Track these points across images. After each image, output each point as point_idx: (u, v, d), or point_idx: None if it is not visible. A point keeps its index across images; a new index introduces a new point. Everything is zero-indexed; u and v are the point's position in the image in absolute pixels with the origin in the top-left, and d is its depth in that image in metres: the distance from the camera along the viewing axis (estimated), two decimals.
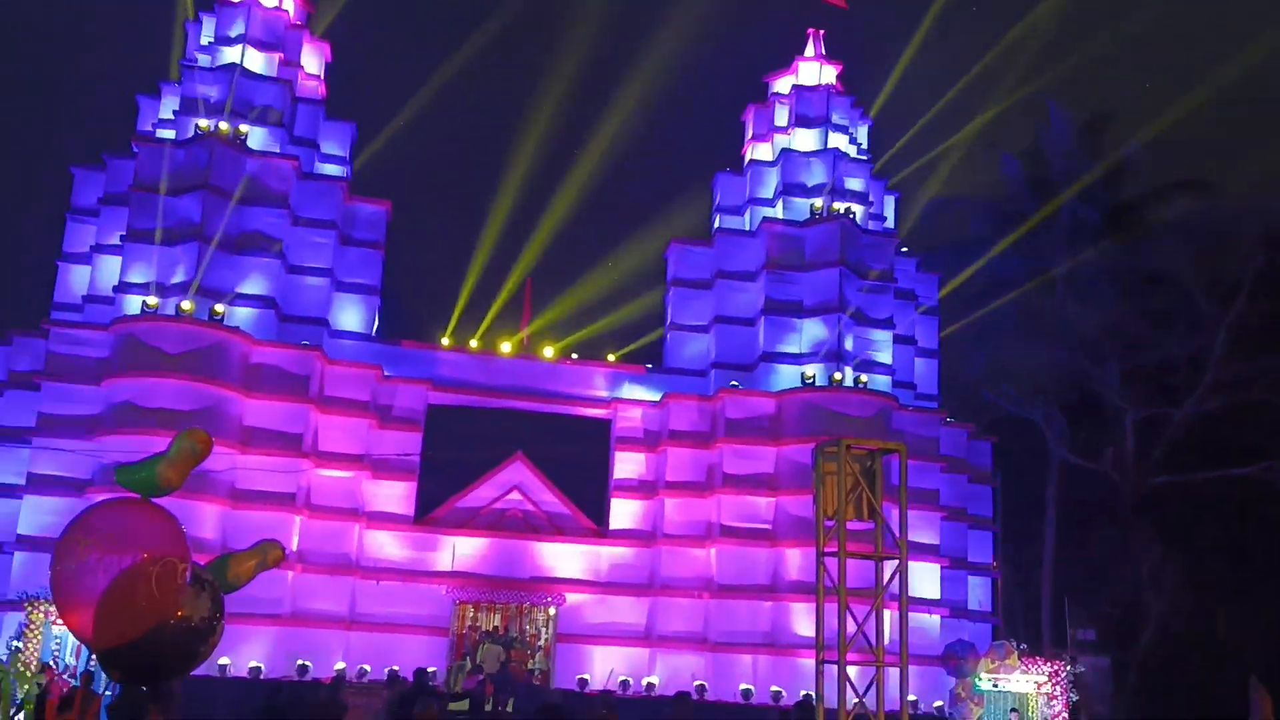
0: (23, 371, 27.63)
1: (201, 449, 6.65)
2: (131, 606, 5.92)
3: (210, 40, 30.32)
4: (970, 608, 30.89)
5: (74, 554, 6.11)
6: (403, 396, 29.75)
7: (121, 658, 6.17)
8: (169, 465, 6.46)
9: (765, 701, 26.51)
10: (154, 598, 5.98)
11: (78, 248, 29.54)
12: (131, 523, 6.30)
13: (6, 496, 26.65)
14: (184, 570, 6.21)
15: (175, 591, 6.05)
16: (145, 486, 6.48)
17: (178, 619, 6.06)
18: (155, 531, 6.33)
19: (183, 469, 6.53)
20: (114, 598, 5.89)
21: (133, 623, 5.95)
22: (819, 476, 11.68)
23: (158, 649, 6.09)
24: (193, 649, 6.26)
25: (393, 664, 26.08)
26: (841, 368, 29.44)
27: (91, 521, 6.33)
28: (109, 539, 6.10)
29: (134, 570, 6.00)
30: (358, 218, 30.69)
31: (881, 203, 32.86)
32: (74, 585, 6.03)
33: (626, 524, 30.45)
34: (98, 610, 5.88)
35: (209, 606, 6.22)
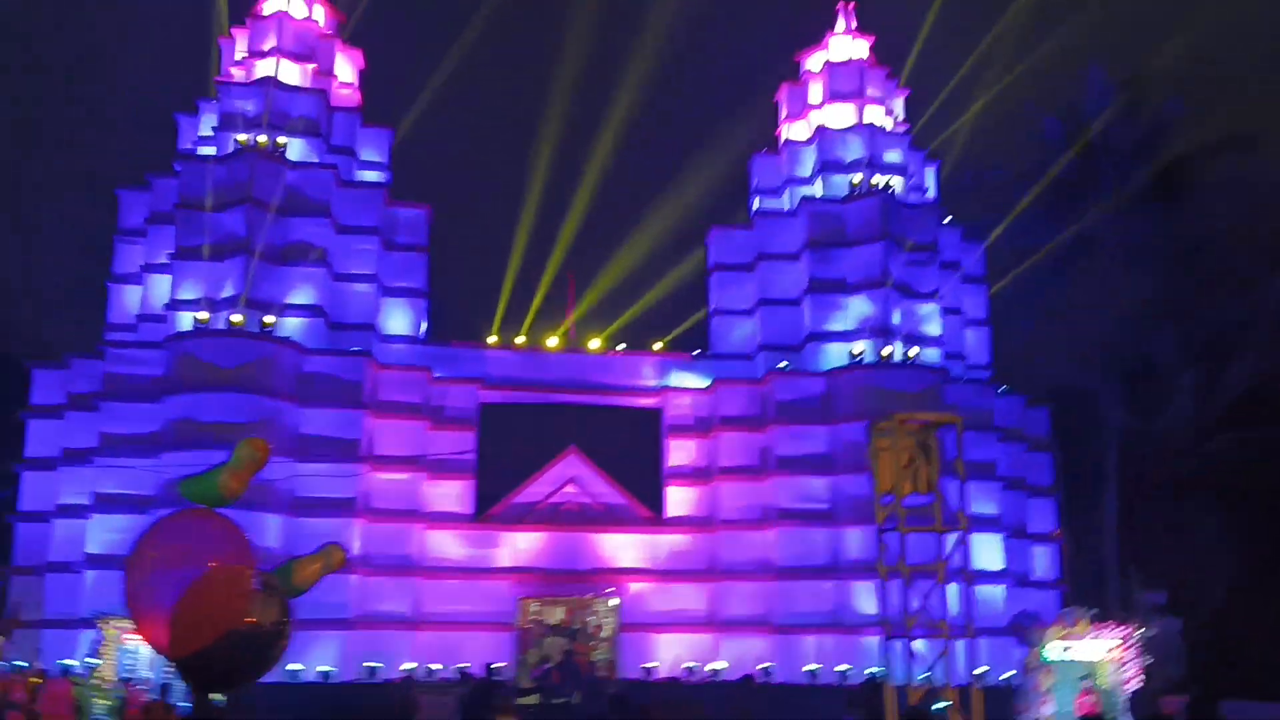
0: (82, 393, 28.11)
1: (261, 457, 6.75)
2: (203, 615, 6.04)
3: (244, 55, 30.65)
4: (1035, 577, 30.57)
5: (145, 567, 6.23)
6: (454, 397, 29.97)
7: (196, 665, 6.29)
8: (231, 475, 6.57)
9: (832, 681, 26.42)
10: (224, 605, 6.10)
11: (128, 268, 30.01)
12: (198, 533, 6.42)
13: (74, 517, 27.14)
14: (251, 577, 6.32)
15: (244, 598, 6.16)
16: (209, 497, 6.60)
17: (248, 625, 6.16)
18: (222, 541, 6.44)
19: (244, 477, 6.63)
20: (186, 607, 6.00)
21: (205, 630, 6.06)
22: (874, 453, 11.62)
23: (230, 655, 6.21)
24: (264, 653, 6.37)
25: (460, 662, 26.35)
26: (890, 343, 29.24)
27: (160, 535, 6.45)
28: (178, 551, 6.22)
29: (204, 579, 6.12)
30: (399, 222, 30.93)
31: (921, 174, 32.55)
32: (147, 597, 6.15)
33: (683, 511, 30.47)
34: (171, 620, 6.00)
35: (277, 611, 6.33)
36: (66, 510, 27.35)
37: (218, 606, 6.04)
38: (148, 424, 26.98)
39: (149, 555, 6.26)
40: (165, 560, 6.14)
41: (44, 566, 27.21)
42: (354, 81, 32.53)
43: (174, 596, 5.95)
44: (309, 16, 31.27)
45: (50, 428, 28.56)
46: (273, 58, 30.12)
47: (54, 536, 27.48)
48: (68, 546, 27.05)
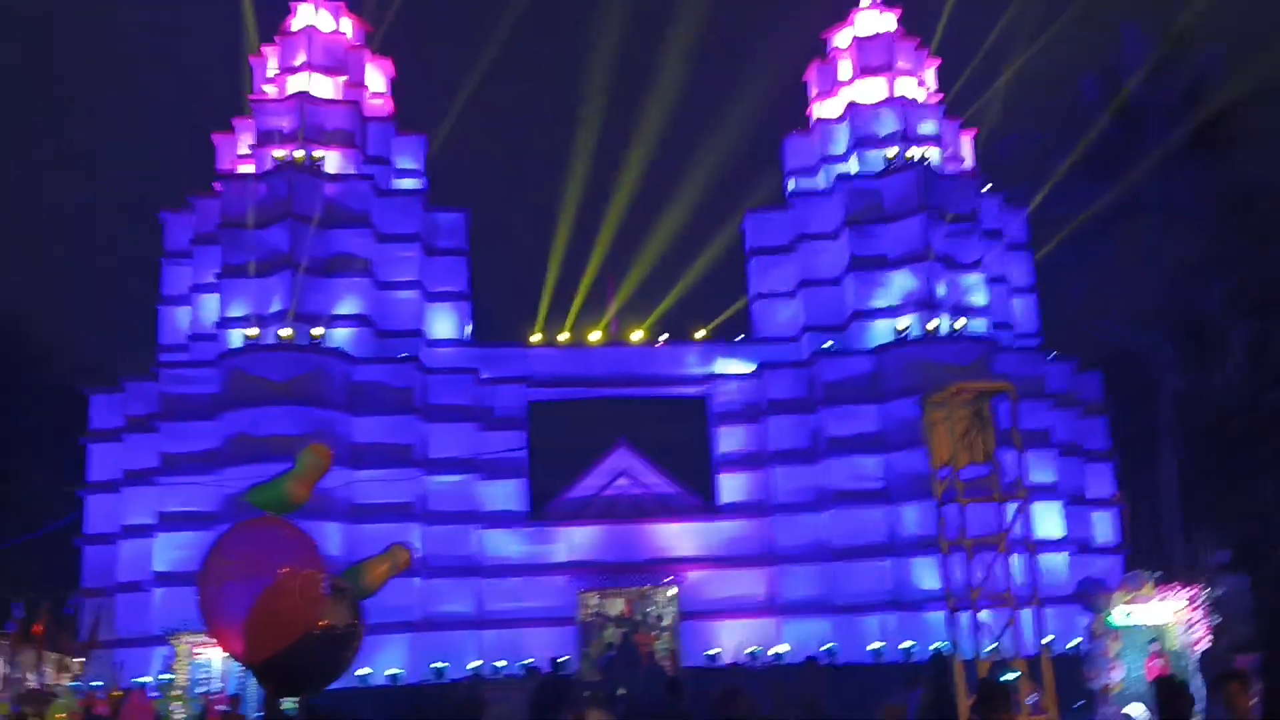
0: (139, 415, 28.60)
1: (325, 462, 6.88)
2: (277, 621, 6.17)
3: (276, 72, 31.01)
4: (1096, 543, 30.28)
5: (217, 577, 6.38)
6: (502, 397, 30.16)
7: (273, 671, 6.43)
8: (296, 481, 6.70)
9: (897, 659, 26.34)
10: (297, 610, 6.22)
11: (176, 289, 30.49)
12: (268, 541, 6.56)
13: (140, 537, 27.65)
14: (322, 580, 6.45)
15: (316, 602, 6.28)
16: (276, 504, 6.73)
17: (321, 628, 6.29)
18: (291, 546, 6.58)
19: (309, 483, 6.76)
20: (260, 614, 6.14)
21: (279, 636, 6.20)
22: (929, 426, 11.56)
23: (305, 659, 6.34)
24: (338, 656, 6.50)
25: (524, 658, 26.58)
26: (936, 316, 29.06)
27: (230, 544, 6.61)
28: (248, 559, 6.36)
29: (276, 586, 6.26)
30: (438, 227, 31.19)
31: (958, 143, 32.30)
32: (221, 606, 6.30)
33: (736, 498, 30.47)
34: (245, 628, 6.14)
35: (349, 613, 6.45)
36: (132, 531, 27.86)
37: (291, 612, 6.17)
38: (205, 441, 27.42)
39: (220, 565, 6.41)
40: (237, 569, 6.29)
41: (113, 587, 27.74)
42: (385, 90, 32.80)
43: (247, 604, 6.10)
44: (337, 29, 31.56)
45: (111, 451, 29.08)
46: (304, 72, 30.44)
47: (121, 557, 28.00)
48: (135, 566, 27.55)
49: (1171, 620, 24.50)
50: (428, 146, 32.59)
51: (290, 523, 6.69)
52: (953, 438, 11.44)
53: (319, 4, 31.55)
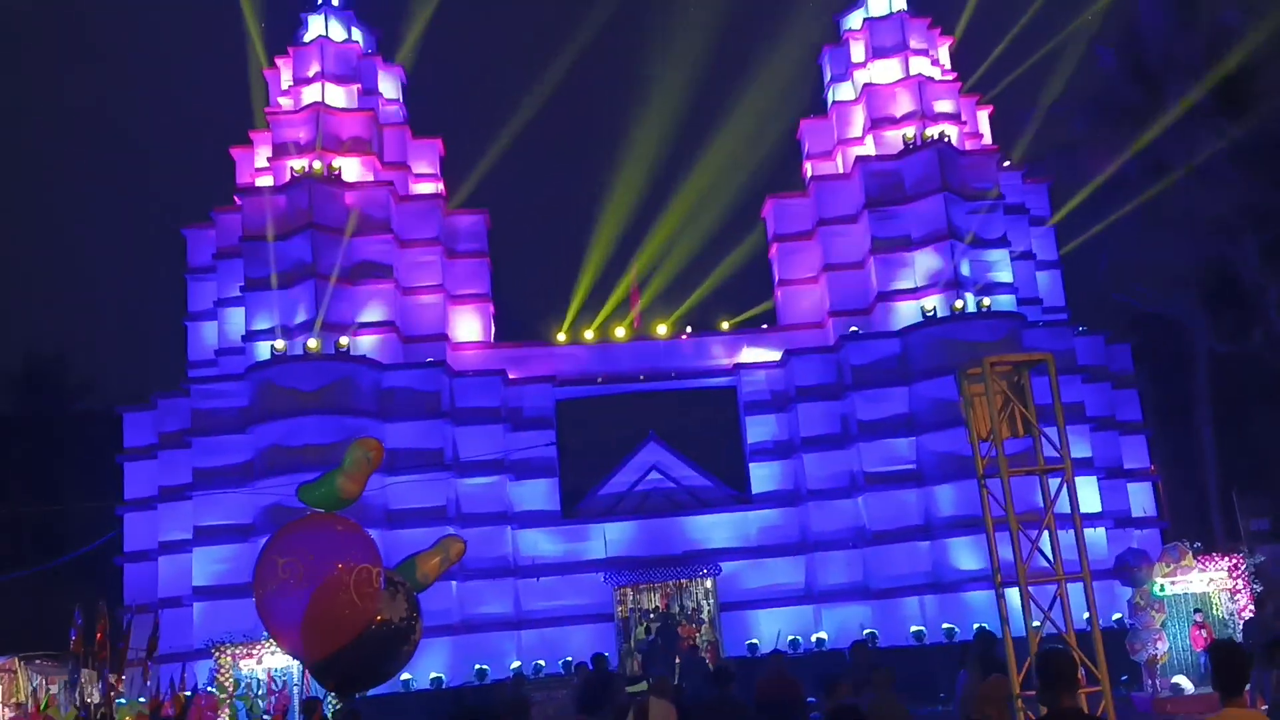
0: (172, 432, 28.78)
1: (375, 456, 6.88)
2: (335, 617, 6.17)
3: (290, 84, 31.12)
4: (1134, 515, 30.03)
5: (274, 576, 6.39)
6: (530, 397, 30.19)
7: (333, 667, 6.44)
8: (347, 477, 6.70)
9: (939, 640, 26.22)
10: (354, 605, 6.22)
11: (202, 305, 30.67)
12: (322, 537, 6.56)
13: (178, 552, 27.82)
14: (378, 575, 6.45)
15: (373, 597, 6.28)
16: (327, 501, 6.74)
17: (379, 623, 6.29)
18: (346, 542, 6.58)
19: (360, 478, 6.76)
20: (318, 611, 6.14)
21: (338, 632, 6.20)
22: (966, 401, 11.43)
23: (364, 654, 6.34)
24: (396, 649, 6.49)
25: (564, 656, 26.59)
26: (962, 294, 28.87)
27: (285, 542, 6.61)
28: (304, 556, 6.37)
29: (332, 581, 6.26)
30: (458, 230, 31.27)
31: (975, 120, 32.08)
32: (278, 606, 6.31)
33: (769, 486, 30.38)
34: (304, 625, 6.14)
35: (405, 607, 6.45)
36: (169, 546, 28.05)
37: (348, 607, 6.17)
38: (238, 455, 27.57)
39: (277, 563, 6.41)
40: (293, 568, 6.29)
41: (155, 604, 27.91)
42: (399, 97, 32.87)
43: (304, 602, 6.10)
44: (349, 39, 31.66)
45: (145, 468, 29.30)
46: (318, 83, 30.55)
47: (160, 573, 28.19)
48: (174, 582, 27.74)
49: (1214, 589, 24.32)
50: (444, 150, 32.67)
51: (344, 519, 6.69)
52: (992, 411, 11.32)
53: (330, 14, 31.64)
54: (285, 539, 6.59)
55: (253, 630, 22.18)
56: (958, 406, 21.10)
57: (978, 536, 26.63)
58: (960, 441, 25.59)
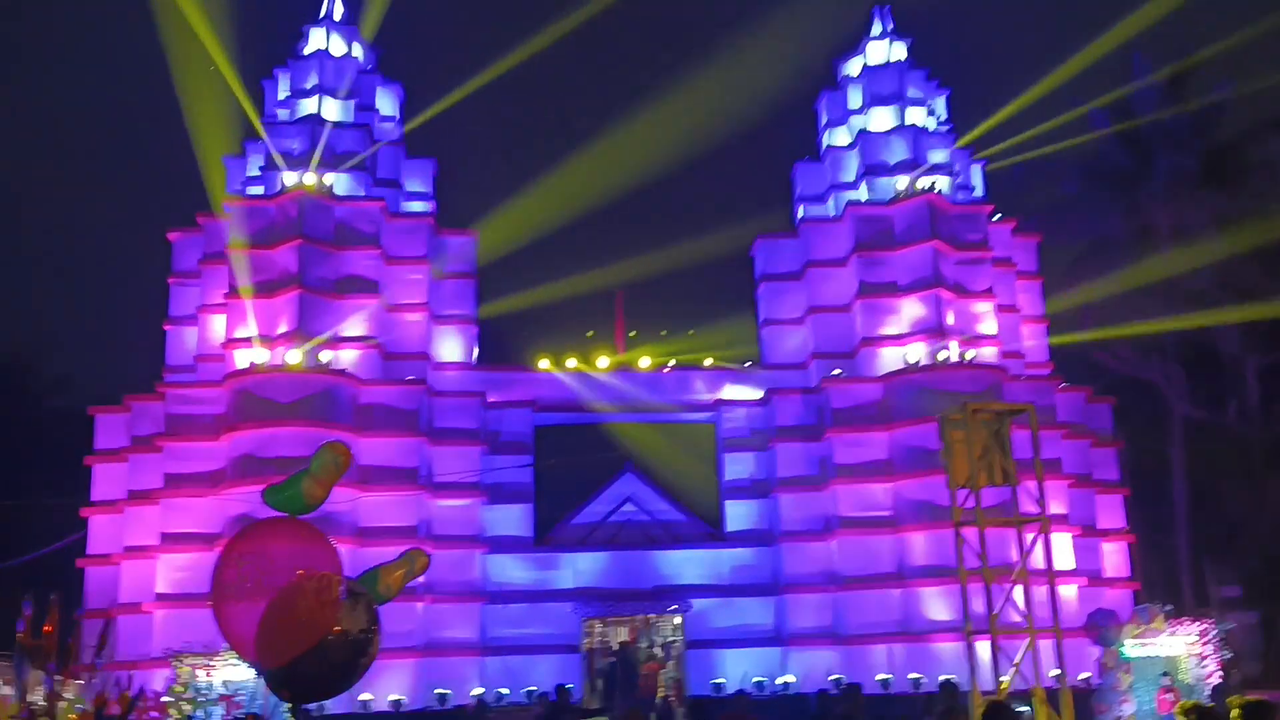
0: (145, 435, 28.45)
1: (343, 460, 6.75)
2: (292, 624, 6.02)
3: (287, 95, 31.08)
4: (1106, 575, 29.99)
5: (231, 579, 6.24)
6: (509, 421, 30.06)
7: (286, 676, 6.28)
8: (314, 481, 6.57)
9: (905, 690, 26.05)
10: (312, 614, 6.07)
11: (184, 310, 30.43)
12: (283, 542, 6.42)
13: (142, 558, 27.41)
14: (338, 584, 6.30)
15: (332, 606, 6.13)
16: (293, 504, 6.60)
17: (336, 634, 6.14)
18: (308, 548, 6.44)
19: (327, 483, 6.63)
20: (274, 617, 5.99)
21: (294, 640, 6.04)
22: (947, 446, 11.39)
23: (320, 664, 6.19)
24: (353, 661, 6.33)
25: (528, 685, 26.29)
26: (945, 344, 28.92)
27: (244, 545, 6.46)
28: (263, 560, 6.23)
29: (291, 589, 6.11)
30: (447, 250, 31.16)
31: (968, 172, 32.30)
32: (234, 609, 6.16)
33: (743, 525, 30.30)
34: (260, 631, 5.99)
35: (365, 619, 6.29)
36: (133, 551, 27.65)
37: (307, 616, 6.02)
38: (210, 462, 27.28)
39: (236, 564, 6.27)
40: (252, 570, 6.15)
41: (113, 607, 27.48)
42: (395, 115, 32.86)
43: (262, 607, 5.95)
44: (348, 53, 31.67)
45: (115, 471, 28.93)
46: (315, 96, 30.51)
47: (123, 578, 27.78)
48: (136, 587, 27.33)
49: (1183, 654, 24.27)
50: (437, 170, 32.65)
51: (308, 524, 6.55)
52: (971, 458, 11.27)
53: (331, 28, 31.67)
54: (245, 541, 6.44)
55: (213, 641, 21.89)
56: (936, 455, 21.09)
57: (949, 587, 26.57)
58: (936, 490, 25.58)
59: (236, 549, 6.38)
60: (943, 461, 11.44)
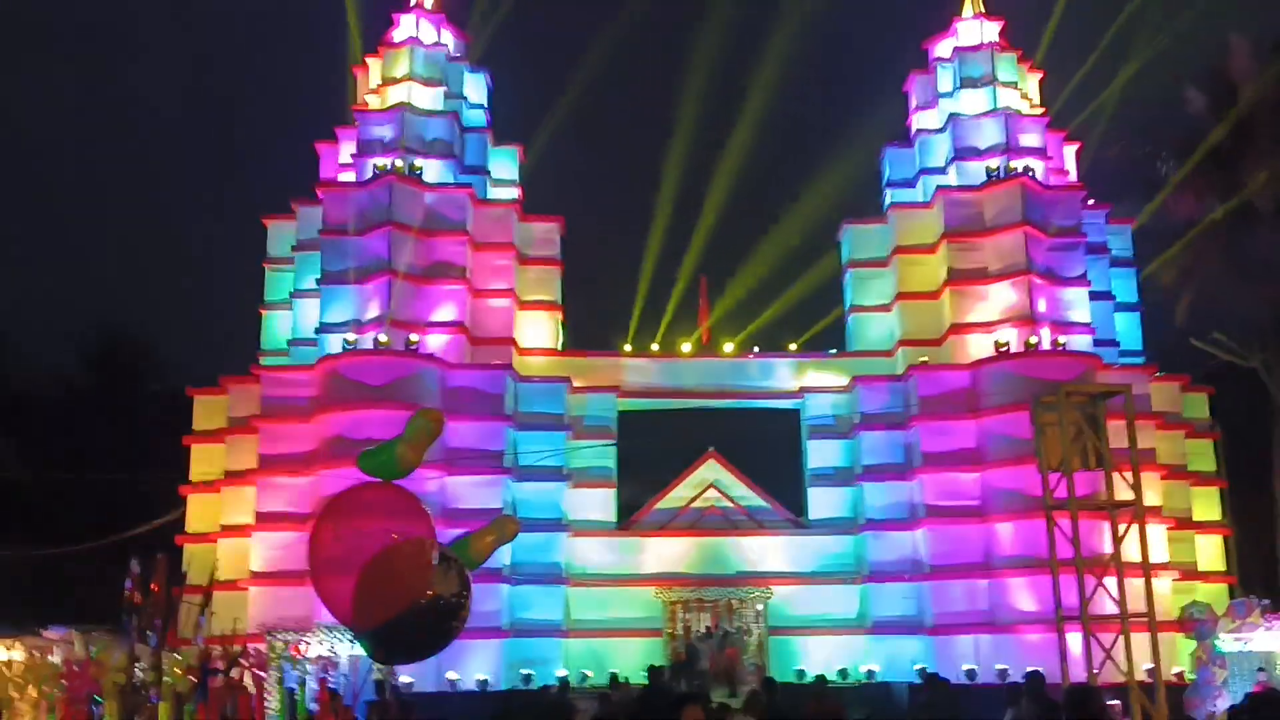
0: (240, 417, 29.24)
1: (435, 427, 6.89)
2: (386, 587, 6.16)
3: (378, 82, 31.57)
4: (1202, 568, 29.23)
5: (326, 543, 6.40)
6: (593, 405, 30.25)
7: (381, 638, 6.43)
8: (407, 446, 6.70)
9: (991, 680, 25.68)
10: (407, 577, 6.21)
11: (278, 295, 31.18)
12: (378, 506, 6.56)
13: (238, 536, 28.17)
14: (432, 549, 6.44)
15: (426, 570, 6.26)
16: (386, 469, 6.73)
17: (430, 597, 6.27)
18: (402, 513, 6.58)
19: (420, 448, 6.77)
20: (369, 580, 6.14)
21: (389, 603, 6.18)
22: (1039, 429, 11.20)
23: (414, 627, 6.33)
24: (446, 625, 6.45)
25: (611, 668, 26.45)
26: (1036, 331, 28.40)
27: (340, 509, 6.62)
28: (359, 525, 6.38)
29: (386, 552, 6.25)
30: (532, 237, 31.46)
31: (1061, 156, 31.62)
32: (330, 572, 6.32)
33: (827, 512, 30.14)
34: (355, 594, 6.15)
35: (457, 583, 6.41)
36: (229, 529, 28.45)
37: (401, 579, 6.16)
38: (303, 443, 27.88)
39: (331, 529, 6.42)
40: (347, 534, 6.30)
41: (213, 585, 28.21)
42: (483, 102, 33.19)
43: (357, 570, 6.10)
44: (438, 41, 32.06)
45: (211, 452, 29.78)
46: (405, 83, 30.95)
47: (219, 555, 28.53)
48: (232, 565, 28.07)
49: None
50: (523, 157, 32.93)
51: (402, 488, 6.70)
52: (1065, 441, 11.08)
53: (421, 15, 32.08)
54: (341, 505, 6.60)
55: (306, 616, 22.45)
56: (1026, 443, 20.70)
57: (1038, 577, 26.03)
58: (1026, 479, 25.10)
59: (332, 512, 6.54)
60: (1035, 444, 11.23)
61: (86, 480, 37.15)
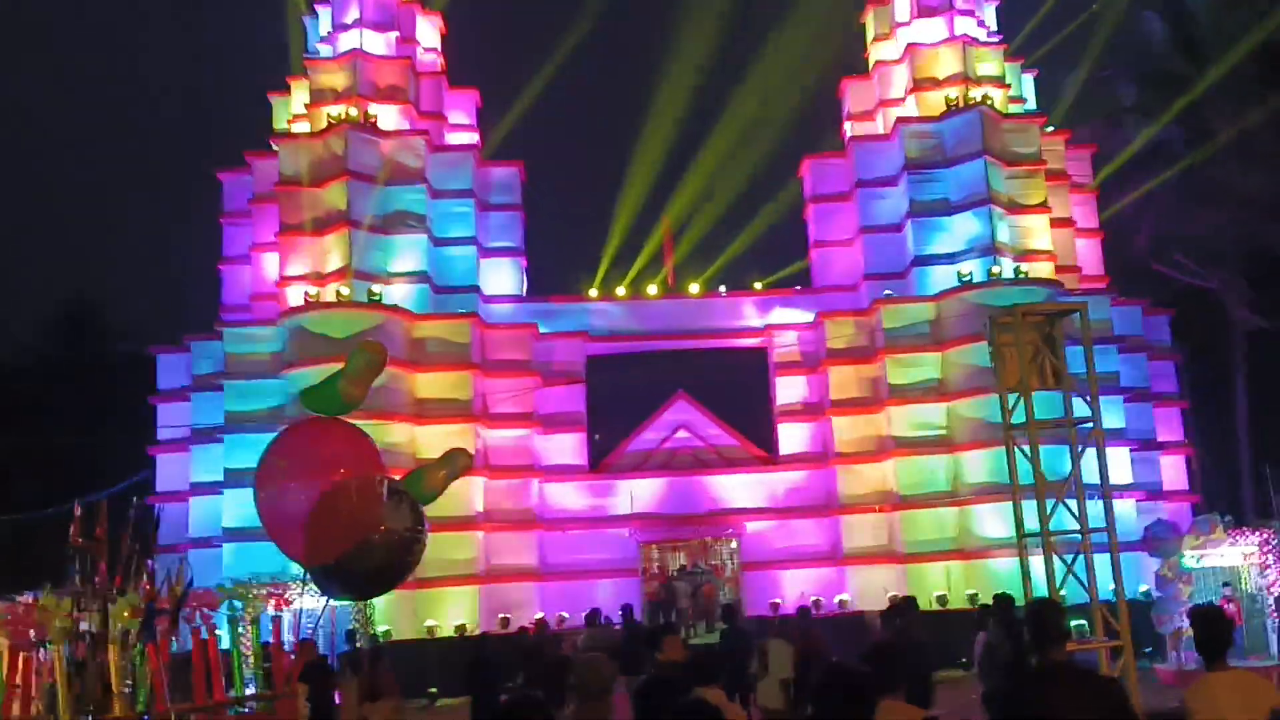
0: (205, 374, 29.04)
1: (378, 359, 6.83)
2: (336, 523, 6.14)
3: (329, 30, 31.03)
4: (1165, 488, 29.68)
5: (275, 479, 6.36)
6: (560, 351, 30.22)
7: (334, 574, 6.42)
8: (350, 381, 6.64)
9: (962, 606, 26.09)
10: (357, 512, 6.19)
11: (236, 250, 30.80)
12: (325, 442, 6.53)
13: (209, 494, 28.08)
14: (381, 483, 6.41)
15: (376, 504, 6.24)
16: (330, 404, 6.69)
17: (382, 532, 6.26)
18: (350, 448, 6.55)
19: (363, 382, 6.71)
20: (319, 516, 6.11)
21: (339, 539, 6.16)
22: (996, 350, 11.26)
23: (367, 562, 6.32)
24: (400, 560, 6.45)
25: (587, 608, 26.63)
26: (999, 260, 28.50)
27: (287, 446, 6.58)
28: (306, 460, 6.34)
29: (335, 488, 6.23)
30: (492, 183, 31.20)
31: (1019, 84, 31.53)
32: (279, 510, 6.29)
33: (797, 448, 30.33)
34: (306, 530, 6.12)
35: (410, 518, 6.40)
36: (200, 488, 28.34)
37: (351, 514, 6.14)
38: (269, 399, 27.72)
39: (279, 466, 6.39)
40: (294, 470, 6.27)
41: (185, 543, 28.24)
42: (437, 46, 32.72)
43: (306, 506, 6.07)
44: None
45: (178, 410, 29.60)
46: (356, 29, 30.43)
47: (191, 515, 28.52)
48: (205, 523, 28.05)
49: (1243, 563, 24.01)
50: (480, 101, 32.54)
51: (347, 423, 6.66)
52: (1022, 361, 11.14)
53: None
54: (287, 441, 6.55)
55: (281, 572, 22.45)
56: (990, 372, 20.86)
57: (1004, 504, 26.36)
58: (991, 408, 25.29)
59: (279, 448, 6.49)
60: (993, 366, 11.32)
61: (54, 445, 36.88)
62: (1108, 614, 13.76)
